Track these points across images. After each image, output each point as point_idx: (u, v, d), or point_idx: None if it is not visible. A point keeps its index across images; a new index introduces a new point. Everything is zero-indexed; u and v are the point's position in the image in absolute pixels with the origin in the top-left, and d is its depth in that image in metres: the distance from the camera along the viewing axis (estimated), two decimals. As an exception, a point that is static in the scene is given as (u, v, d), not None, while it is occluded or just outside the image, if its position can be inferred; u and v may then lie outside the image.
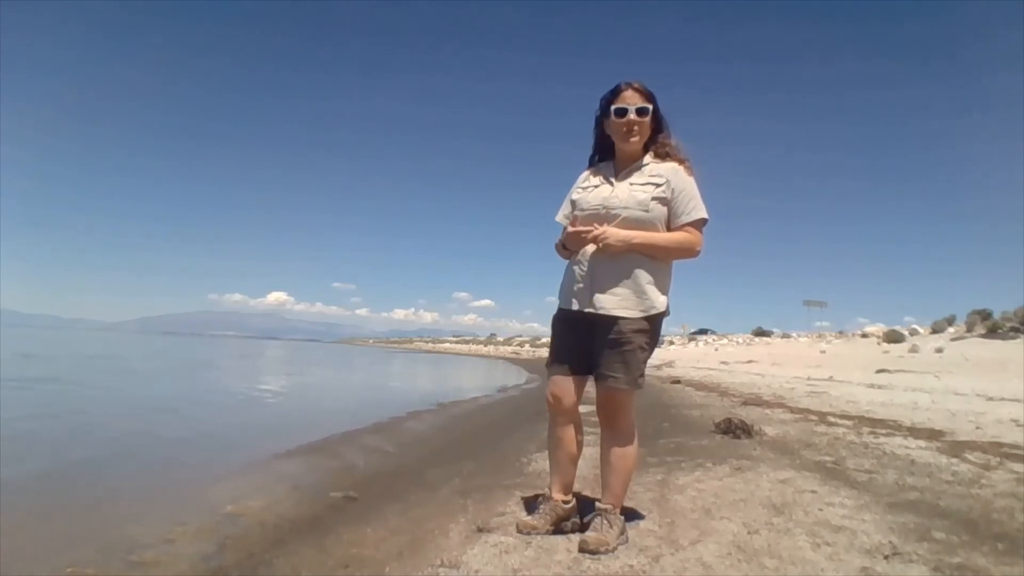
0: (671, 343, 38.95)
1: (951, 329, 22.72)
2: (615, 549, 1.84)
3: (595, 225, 1.94)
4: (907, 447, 3.76)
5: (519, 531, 2.01)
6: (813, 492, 2.58)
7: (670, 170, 1.98)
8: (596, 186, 2.05)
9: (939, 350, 17.18)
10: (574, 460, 2.13)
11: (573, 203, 2.08)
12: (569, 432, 2.08)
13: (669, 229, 1.97)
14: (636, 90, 1.97)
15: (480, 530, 2.09)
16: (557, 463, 2.11)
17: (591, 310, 1.95)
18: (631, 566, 1.73)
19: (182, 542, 2.27)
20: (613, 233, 1.91)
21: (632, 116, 1.95)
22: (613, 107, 1.97)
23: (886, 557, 1.81)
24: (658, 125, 2.02)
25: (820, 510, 2.30)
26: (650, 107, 1.96)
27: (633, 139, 1.98)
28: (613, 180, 2.03)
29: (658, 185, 1.95)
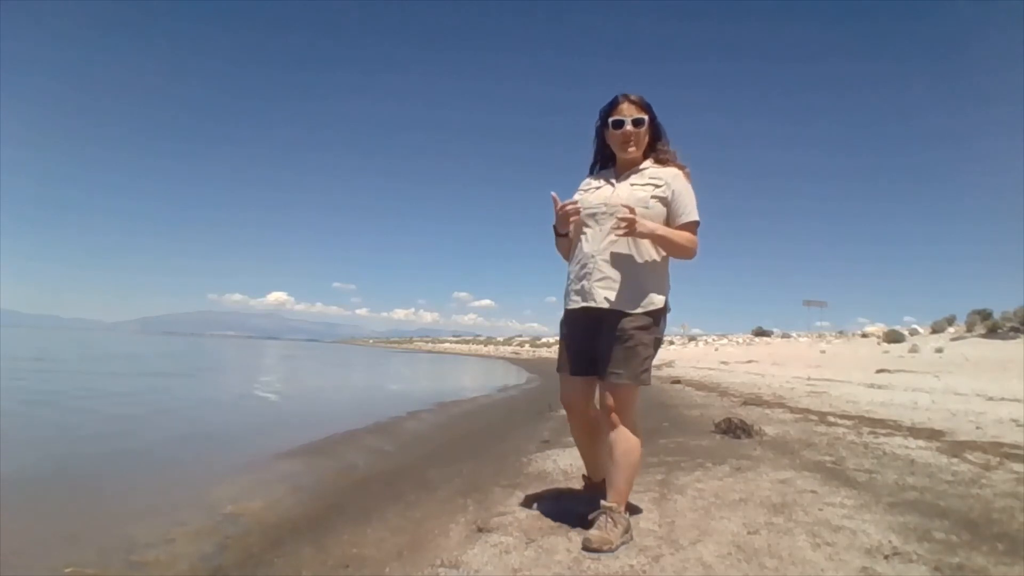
0: (671, 343, 38.95)
1: (951, 329, 22.72)
2: (617, 548, 1.85)
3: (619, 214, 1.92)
4: (907, 447, 3.76)
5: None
6: (813, 492, 2.58)
7: (670, 174, 2.06)
8: (597, 187, 2.14)
9: (939, 350, 17.18)
10: (598, 447, 2.15)
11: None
12: (589, 427, 2.19)
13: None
14: (632, 102, 2.06)
15: (480, 530, 2.09)
16: (587, 451, 2.31)
17: (593, 304, 2.00)
18: (631, 566, 1.73)
19: (182, 542, 2.27)
20: (642, 220, 1.91)
21: (629, 127, 2.04)
22: (611, 119, 2.07)
23: (886, 557, 1.81)
24: (656, 133, 2.11)
25: (820, 510, 2.30)
26: (646, 118, 2.05)
27: (631, 149, 2.07)
28: (614, 182, 2.11)
29: (658, 186, 2.03)
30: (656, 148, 2.11)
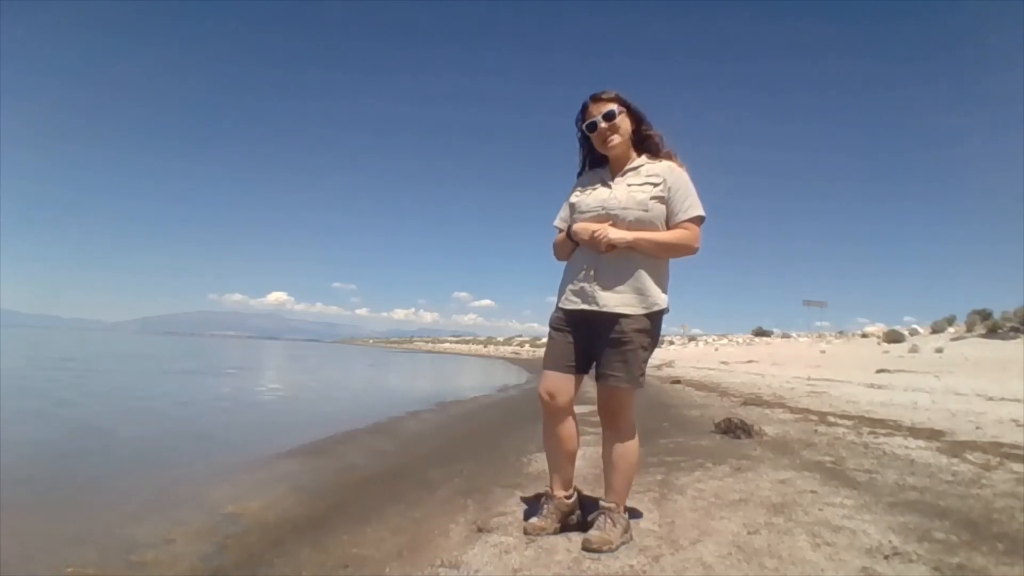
0: (671, 343, 38.95)
1: (951, 329, 22.73)
2: (617, 548, 1.85)
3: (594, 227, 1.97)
4: (907, 447, 3.76)
5: (527, 533, 2.00)
6: (813, 492, 2.58)
7: (666, 169, 2.01)
8: (593, 189, 2.08)
9: (939, 350, 17.18)
10: (572, 457, 2.13)
11: (572, 206, 2.10)
12: (565, 429, 2.08)
13: (668, 227, 2.00)
14: (597, 100, 2.03)
15: (480, 530, 2.09)
16: (556, 461, 2.11)
17: (595, 307, 1.96)
18: (631, 566, 1.73)
19: (182, 542, 2.27)
20: (614, 232, 1.93)
21: (602, 124, 2.00)
22: (585, 125, 2.05)
23: (886, 557, 1.81)
24: (636, 116, 2.05)
25: (820, 510, 2.30)
26: (615, 107, 2.01)
27: (613, 141, 2.01)
28: (610, 182, 2.06)
29: (655, 184, 1.98)
30: (642, 133, 2.06)
